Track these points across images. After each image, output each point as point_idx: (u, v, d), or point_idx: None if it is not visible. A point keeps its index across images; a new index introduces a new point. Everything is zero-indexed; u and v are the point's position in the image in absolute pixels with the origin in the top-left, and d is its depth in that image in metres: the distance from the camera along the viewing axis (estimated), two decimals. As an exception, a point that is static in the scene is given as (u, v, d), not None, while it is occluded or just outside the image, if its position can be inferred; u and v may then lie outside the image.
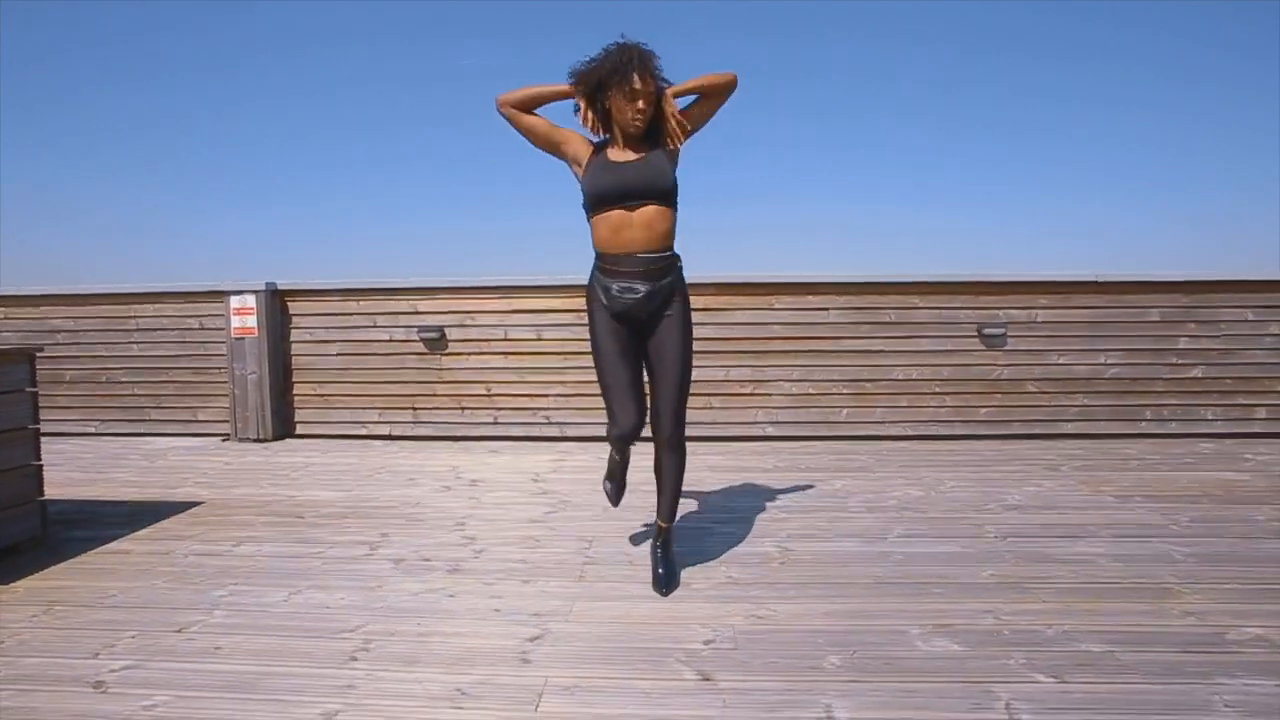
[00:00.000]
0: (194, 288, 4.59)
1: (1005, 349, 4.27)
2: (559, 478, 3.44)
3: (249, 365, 4.42)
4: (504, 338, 4.41)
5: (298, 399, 4.57)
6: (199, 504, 3.02)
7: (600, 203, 1.91)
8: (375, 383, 4.50)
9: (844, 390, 4.30)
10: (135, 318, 4.65)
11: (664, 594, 2.01)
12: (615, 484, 2.27)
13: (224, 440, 4.47)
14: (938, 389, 4.28)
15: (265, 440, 4.41)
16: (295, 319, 4.55)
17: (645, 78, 1.84)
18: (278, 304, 4.50)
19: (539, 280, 4.38)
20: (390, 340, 4.48)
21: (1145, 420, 4.24)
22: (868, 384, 4.30)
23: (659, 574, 2.08)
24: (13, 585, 2.13)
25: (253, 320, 4.41)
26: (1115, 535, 2.47)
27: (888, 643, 1.71)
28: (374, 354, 4.49)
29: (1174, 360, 4.24)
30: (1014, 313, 4.26)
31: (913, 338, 4.28)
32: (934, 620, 1.82)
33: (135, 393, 4.68)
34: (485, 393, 4.43)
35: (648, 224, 1.90)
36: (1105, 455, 3.74)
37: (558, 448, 4.13)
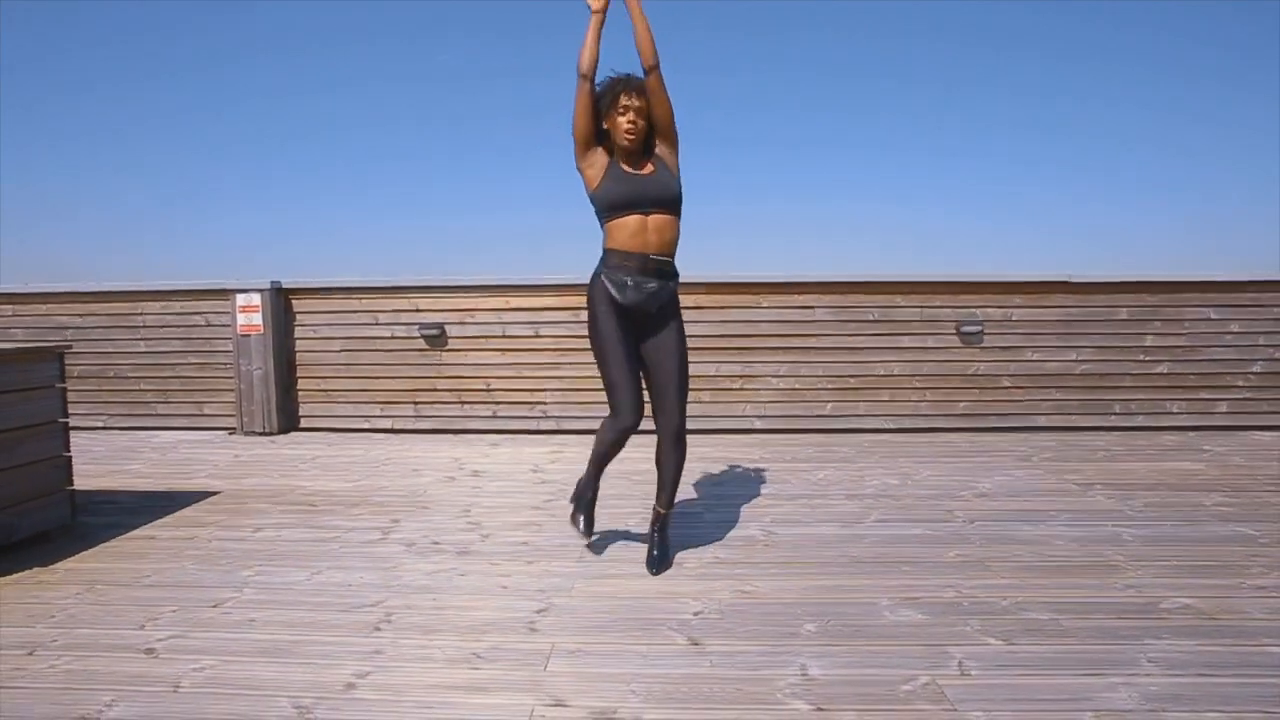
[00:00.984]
0: (201, 285, 4.72)
1: (982, 346, 4.48)
2: (557, 468, 3.62)
3: (254, 361, 4.56)
4: (502, 334, 4.58)
5: (302, 394, 4.72)
6: (215, 493, 3.17)
7: (618, 208, 2.13)
8: (378, 378, 4.66)
9: (828, 385, 4.50)
10: (142, 315, 4.78)
11: (654, 574, 2.20)
12: (585, 515, 2.28)
13: (230, 434, 4.62)
14: (918, 384, 4.49)
15: (271, 434, 4.56)
16: (299, 316, 4.70)
17: (630, 94, 2.12)
18: (282, 302, 4.65)
19: (536, 280, 4.55)
20: (392, 337, 4.64)
21: (1114, 414, 4.47)
22: (851, 379, 4.50)
23: (653, 555, 2.26)
24: (52, 567, 2.29)
25: (258, 318, 4.55)
26: (1072, 520, 2.68)
27: (859, 613, 1.90)
28: (376, 350, 4.65)
29: (1141, 357, 4.46)
30: (991, 311, 4.47)
31: (894, 335, 4.49)
32: (901, 594, 2.02)
33: (142, 388, 4.81)
34: (484, 388, 4.60)
35: (660, 229, 2.14)
36: (1074, 447, 3.96)
37: (555, 440, 4.31)
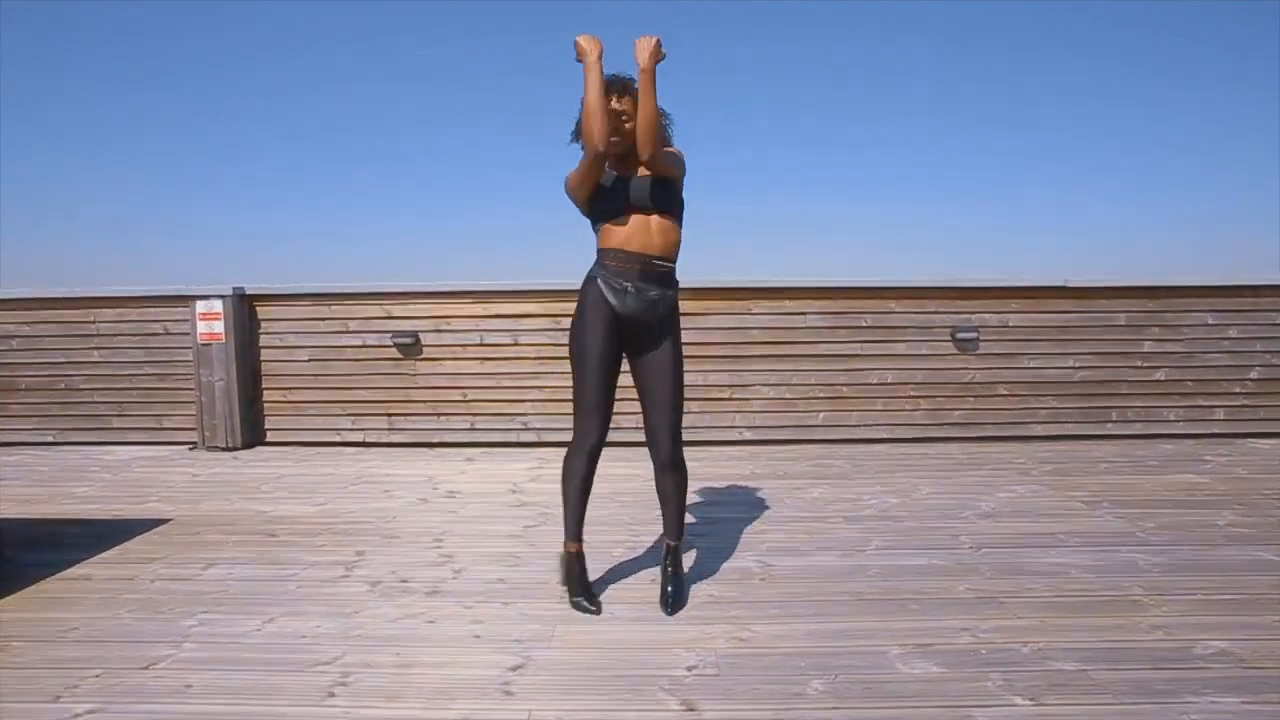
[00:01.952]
0: (158, 292, 4.43)
1: (978, 353, 4.34)
2: (537, 487, 3.41)
3: (216, 372, 4.29)
4: (480, 343, 4.35)
5: (268, 406, 4.46)
6: (166, 521, 2.93)
7: (617, 210, 2.00)
8: (348, 389, 4.41)
9: (821, 394, 4.34)
10: (95, 323, 4.49)
11: (669, 614, 2.02)
12: (585, 593, 2.07)
13: (191, 449, 4.35)
14: (912, 392, 4.34)
15: (234, 449, 4.29)
16: (264, 324, 4.43)
17: (618, 98, 1.97)
18: (246, 308, 4.38)
19: (515, 285, 4.33)
20: (363, 346, 4.39)
21: (1111, 422, 4.35)
22: (844, 388, 4.34)
23: (667, 591, 2.09)
24: (-33, 618, 2.05)
25: (220, 325, 4.28)
26: (1084, 544, 2.53)
27: (869, 666, 1.72)
28: (347, 359, 4.40)
29: (1139, 363, 4.35)
30: (987, 317, 4.33)
31: (888, 342, 4.33)
32: (913, 640, 1.84)
33: (95, 400, 4.52)
34: (461, 399, 4.37)
35: (662, 231, 2.03)
36: (1073, 458, 3.83)
37: (535, 454, 4.10)
